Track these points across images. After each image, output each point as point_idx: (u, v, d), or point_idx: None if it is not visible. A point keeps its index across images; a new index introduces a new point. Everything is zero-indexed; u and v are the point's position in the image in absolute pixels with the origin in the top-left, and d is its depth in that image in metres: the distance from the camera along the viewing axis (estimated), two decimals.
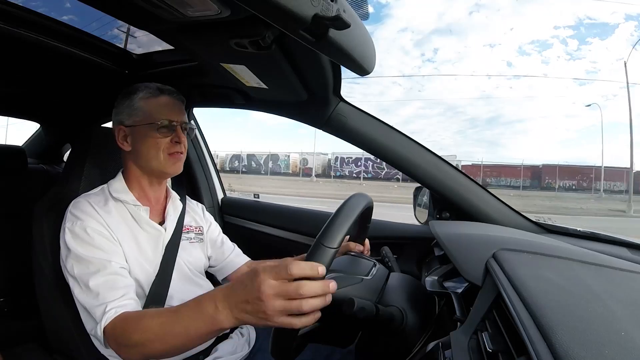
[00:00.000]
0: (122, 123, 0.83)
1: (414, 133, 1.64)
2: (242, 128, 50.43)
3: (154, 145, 0.81)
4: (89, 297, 0.69)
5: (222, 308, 0.53)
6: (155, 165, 0.82)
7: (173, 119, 0.82)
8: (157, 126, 0.80)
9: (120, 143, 0.83)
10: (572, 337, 0.32)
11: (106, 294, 0.68)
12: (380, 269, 0.73)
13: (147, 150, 0.81)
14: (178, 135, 0.82)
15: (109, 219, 0.77)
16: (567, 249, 0.68)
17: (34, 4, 0.84)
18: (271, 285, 0.49)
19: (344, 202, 0.60)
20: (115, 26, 1.00)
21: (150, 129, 0.80)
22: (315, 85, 0.88)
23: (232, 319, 0.53)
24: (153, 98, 0.82)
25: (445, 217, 1.08)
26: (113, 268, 0.71)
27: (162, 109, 0.82)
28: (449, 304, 0.66)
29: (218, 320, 0.53)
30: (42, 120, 1.63)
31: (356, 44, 0.55)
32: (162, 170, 0.83)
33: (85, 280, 0.69)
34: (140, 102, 0.82)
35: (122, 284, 0.71)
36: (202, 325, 0.55)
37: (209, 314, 0.54)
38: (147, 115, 0.81)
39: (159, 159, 0.81)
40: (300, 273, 0.49)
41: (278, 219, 1.41)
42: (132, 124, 0.82)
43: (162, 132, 0.81)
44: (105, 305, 0.66)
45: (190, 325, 0.56)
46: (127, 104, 0.83)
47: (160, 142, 0.81)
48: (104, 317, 0.65)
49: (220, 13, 0.54)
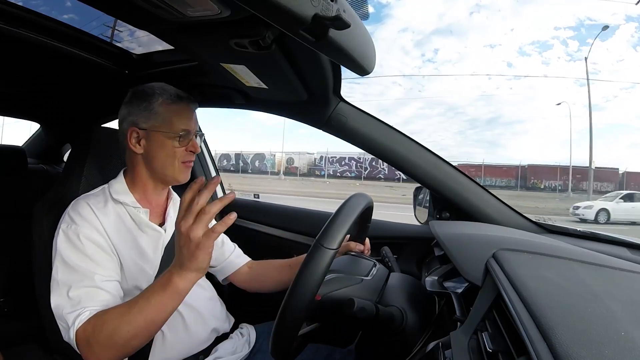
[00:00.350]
0: (136, 125, 0.80)
1: (414, 133, 1.64)
2: (241, 128, 50.45)
3: (171, 153, 0.80)
4: (65, 304, 0.67)
5: (173, 270, 0.61)
6: (169, 173, 0.82)
7: (190, 128, 0.82)
8: (177, 136, 0.79)
9: (132, 145, 0.80)
10: (572, 337, 0.32)
11: (84, 303, 0.67)
12: (380, 269, 0.73)
13: (164, 157, 0.80)
14: (194, 145, 0.82)
15: (106, 222, 0.77)
16: (567, 249, 0.68)
17: (34, 4, 0.84)
18: (179, 219, 0.59)
19: (344, 203, 0.60)
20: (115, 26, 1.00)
21: (169, 137, 0.79)
22: (315, 85, 0.88)
23: (182, 273, 0.60)
24: (173, 104, 0.81)
25: (445, 217, 1.08)
26: (95, 281, 0.70)
27: (182, 117, 0.81)
28: (449, 304, 0.66)
29: (173, 282, 0.61)
30: (42, 120, 1.63)
31: (356, 44, 0.55)
32: (175, 178, 0.83)
33: (66, 289, 0.68)
34: (160, 107, 0.79)
35: (101, 297, 0.69)
36: (161, 293, 0.61)
37: (165, 278, 0.62)
38: (167, 122, 0.79)
39: (174, 167, 0.81)
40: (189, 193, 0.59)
41: (278, 219, 1.41)
42: (149, 127, 0.79)
43: (181, 142, 0.80)
44: (81, 311, 0.65)
45: (151, 298, 0.62)
46: (145, 107, 0.79)
47: (177, 151, 0.80)
48: (77, 320, 0.64)
49: (220, 13, 0.54)
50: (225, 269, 0.99)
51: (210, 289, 0.92)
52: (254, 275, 1.00)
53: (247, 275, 1.00)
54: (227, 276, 0.99)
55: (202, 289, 0.89)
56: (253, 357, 0.87)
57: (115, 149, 0.86)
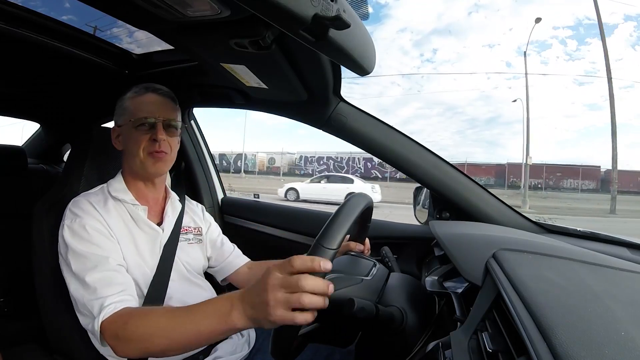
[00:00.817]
0: (116, 123, 0.85)
1: (413, 133, 1.65)
2: (230, 128, 50.44)
3: (135, 143, 0.80)
4: (86, 292, 0.68)
5: (236, 306, 0.54)
6: (137, 164, 0.81)
7: (154, 116, 0.80)
8: (137, 123, 0.80)
9: (114, 143, 0.85)
10: (572, 337, 0.32)
11: (103, 290, 0.68)
12: (380, 269, 0.73)
13: (130, 148, 0.81)
14: (156, 132, 0.80)
15: (107, 217, 0.77)
16: (567, 249, 0.68)
17: (35, 4, 0.84)
18: (275, 277, 0.50)
19: (344, 203, 0.60)
20: (115, 26, 1.00)
21: (131, 127, 0.80)
22: (315, 85, 0.88)
23: (244, 316, 0.53)
24: (138, 96, 0.83)
25: (445, 217, 1.08)
26: (110, 265, 0.71)
27: (144, 106, 0.81)
28: (449, 304, 0.66)
29: (231, 318, 0.54)
30: (42, 120, 1.63)
31: (356, 44, 0.55)
32: (143, 169, 0.81)
33: (82, 276, 0.69)
34: (127, 101, 0.83)
35: (119, 280, 0.71)
36: (215, 322, 0.55)
37: (223, 311, 0.54)
38: (132, 113, 0.81)
39: (139, 157, 0.80)
40: (302, 265, 0.50)
41: (278, 219, 1.41)
42: (121, 123, 0.83)
43: (141, 130, 0.80)
44: (103, 300, 0.66)
45: (202, 322, 0.56)
46: (119, 105, 0.84)
47: (139, 139, 0.80)
48: (102, 312, 0.65)
49: (220, 13, 0.54)
50: (225, 269, 0.99)
51: (210, 289, 0.92)
52: (253, 276, 1.00)
53: (247, 276, 1.00)
54: (226, 277, 0.99)
55: (201, 290, 0.89)
56: (253, 357, 0.87)
57: (115, 149, 0.87)
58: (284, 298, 0.49)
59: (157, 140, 0.80)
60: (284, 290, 0.49)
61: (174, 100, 0.86)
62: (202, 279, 0.92)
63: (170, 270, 0.82)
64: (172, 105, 0.85)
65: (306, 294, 0.49)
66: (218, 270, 0.99)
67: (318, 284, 0.49)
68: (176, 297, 0.80)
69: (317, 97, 0.94)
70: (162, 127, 0.81)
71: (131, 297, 0.70)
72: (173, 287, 0.81)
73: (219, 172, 1.62)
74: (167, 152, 0.82)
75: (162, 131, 0.81)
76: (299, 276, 0.49)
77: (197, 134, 1.51)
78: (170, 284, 0.81)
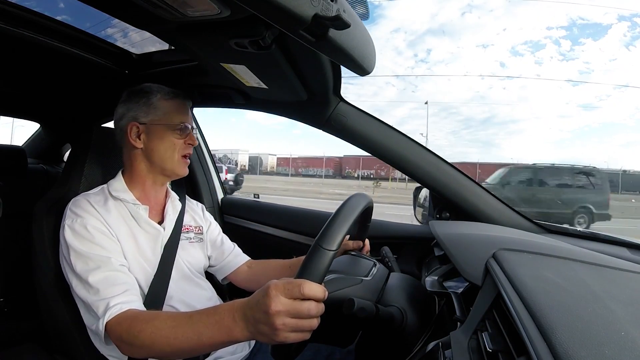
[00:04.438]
0: (136, 120, 0.82)
1: (407, 133, 1.65)
2: (237, 128, 50.62)
3: (170, 146, 0.83)
4: (89, 293, 0.68)
5: (239, 320, 0.53)
6: (169, 166, 0.84)
7: (187, 122, 0.85)
8: (176, 127, 0.83)
9: (132, 140, 0.82)
10: (572, 337, 0.32)
11: (107, 290, 0.68)
12: (380, 269, 0.73)
13: (164, 150, 0.83)
14: (192, 138, 0.86)
15: (108, 217, 0.77)
16: (567, 249, 0.68)
17: (35, 4, 0.84)
18: (282, 302, 0.49)
19: (343, 203, 0.59)
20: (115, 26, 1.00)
21: (169, 129, 0.83)
22: (315, 85, 0.88)
23: (246, 332, 0.53)
24: (170, 100, 0.85)
25: (445, 217, 1.08)
26: (113, 265, 0.72)
27: (180, 112, 0.85)
28: (449, 304, 0.66)
29: (234, 332, 0.54)
30: (42, 120, 1.63)
31: (356, 44, 0.55)
32: (174, 171, 0.85)
33: (85, 277, 0.69)
34: (159, 102, 0.83)
35: (122, 280, 0.71)
36: (217, 334, 0.55)
37: (226, 324, 0.54)
38: (167, 115, 0.83)
39: (173, 159, 0.84)
40: (312, 295, 0.49)
41: (278, 219, 1.41)
42: (149, 122, 0.82)
43: (176, 133, 0.83)
44: (108, 301, 0.66)
45: (204, 333, 0.56)
46: (144, 102, 0.83)
47: (177, 143, 0.84)
48: (107, 313, 0.65)
49: (220, 13, 0.54)
50: (225, 268, 0.99)
51: (210, 289, 0.92)
52: (253, 275, 1.00)
53: (247, 275, 1.00)
54: (226, 275, 0.99)
55: (201, 289, 0.89)
56: (253, 357, 0.87)
57: (115, 149, 0.87)
58: (294, 324, 0.49)
59: (193, 145, 0.86)
60: (292, 316, 0.49)
61: (190, 105, 0.90)
62: (203, 278, 0.92)
63: (171, 270, 0.82)
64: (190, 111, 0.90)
65: (313, 320, 0.50)
66: (218, 270, 1.00)
67: (322, 309, 0.51)
68: (177, 296, 0.80)
69: (317, 97, 0.94)
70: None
71: (135, 297, 0.70)
72: (173, 286, 0.81)
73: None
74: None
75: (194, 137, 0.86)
76: (310, 304, 0.49)
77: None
78: (171, 283, 0.81)
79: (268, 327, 0.50)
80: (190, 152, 0.87)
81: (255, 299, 0.52)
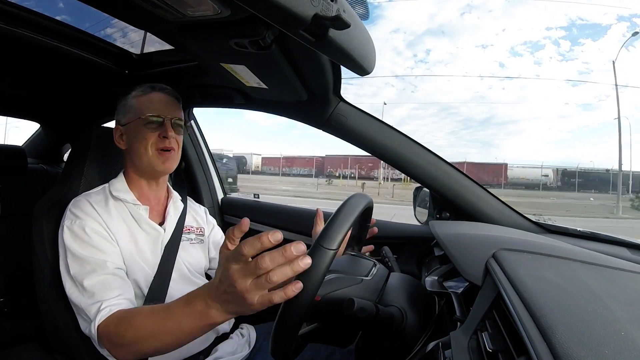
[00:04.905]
0: (118, 122, 0.85)
1: (408, 134, 1.63)
2: (237, 128, 50.71)
3: (142, 140, 0.81)
4: (83, 297, 0.68)
5: (211, 303, 0.54)
6: (145, 162, 0.82)
7: (162, 114, 0.82)
8: (145, 121, 0.81)
9: (117, 142, 0.85)
10: (572, 337, 0.32)
11: (101, 294, 0.68)
12: (380, 269, 0.73)
13: (137, 146, 0.82)
14: (166, 129, 0.82)
15: (108, 218, 0.77)
16: (567, 249, 0.68)
17: (35, 4, 0.84)
18: (235, 269, 0.49)
19: (343, 203, 0.60)
20: (115, 26, 1.00)
21: (140, 125, 0.81)
22: (315, 85, 0.88)
23: (223, 311, 0.54)
24: (145, 95, 0.84)
25: (445, 217, 1.08)
26: (109, 268, 0.71)
27: (152, 104, 0.83)
28: (449, 304, 0.66)
29: (210, 316, 0.54)
30: (42, 120, 1.63)
31: (356, 44, 0.55)
32: (151, 167, 0.83)
33: (80, 280, 0.69)
34: (132, 100, 0.84)
35: (117, 284, 0.71)
36: (195, 321, 0.56)
37: (200, 310, 0.55)
38: (138, 111, 0.82)
39: (148, 154, 0.81)
40: (253, 248, 0.48)
41: (278, 219, 1.41)
42: (125, 122, 0.83)
43: (150, 127, 0.81)
44: (100, 304, 0.66)
45: (183, 322, 0.57)
46: (123, 104, 0.85)
47: (148, 136, 0.81)
48: (98, 316, 0.65)
49: (220, 13, 0.54)
50: None
51: None
52: None
53: None
54: None
55: None
56: (253, 357, 0.87)
57: (116, 149, 0.87)
58: (254, 284, 0.49)
59: (167, 138, 0.81)
60: (250, 277, 0.49)
61: (179, 100, 0.88)
62: (203, 279, 0.92)
63: (172, 270, 0.82)
64: (177, 104, 0.87)
65: (272, 272, 0.48)
66: None
67: (276, 257, 0.48)
68: (177, 297, 0.80)
69: (317, 97, 0.94)
70: (171, 125, 0.82)
71: (127, 301, 0.70)
72: (174, 287, 0.81)
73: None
74: (175, 148, 0.84)
75: (171, 129, 0.82)
76: (256, 260, 0.48)
77: (197, 134, 1.51)
78: (171, 283, 0.81)
79: (237, 297, 0.50)
80: (167, 146, 0.82)
81: (217, 277, 0.53)
